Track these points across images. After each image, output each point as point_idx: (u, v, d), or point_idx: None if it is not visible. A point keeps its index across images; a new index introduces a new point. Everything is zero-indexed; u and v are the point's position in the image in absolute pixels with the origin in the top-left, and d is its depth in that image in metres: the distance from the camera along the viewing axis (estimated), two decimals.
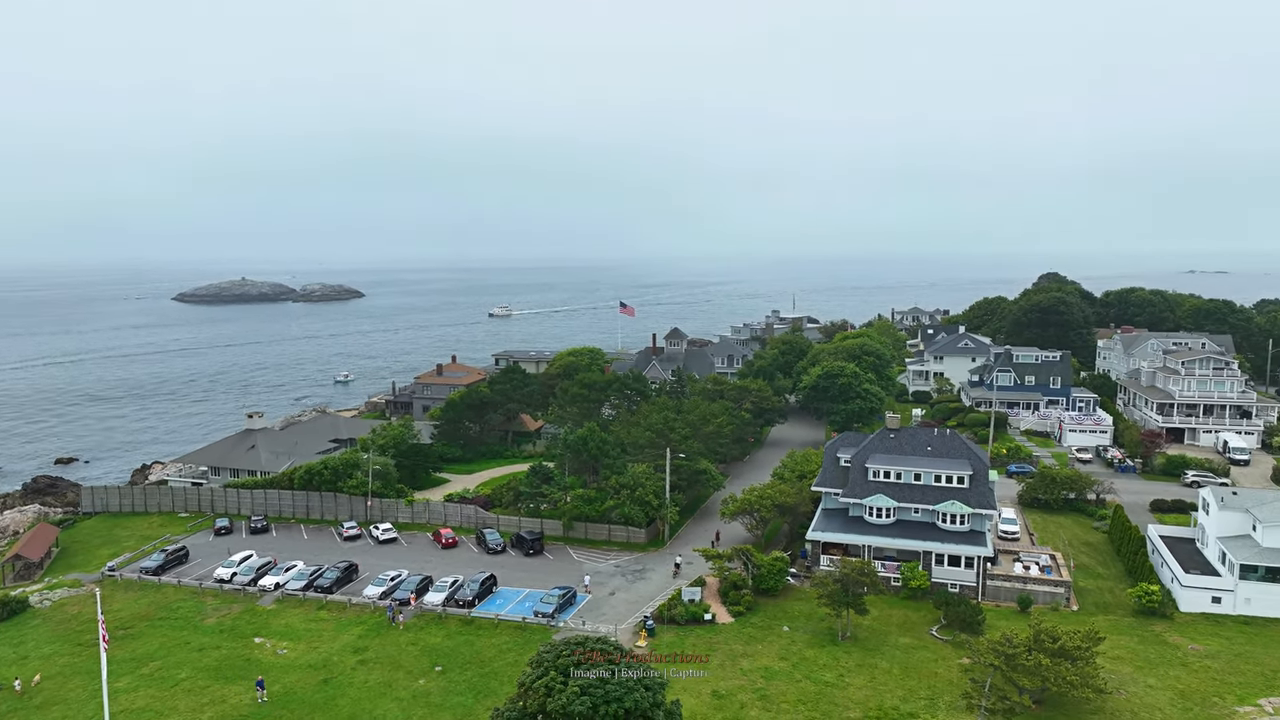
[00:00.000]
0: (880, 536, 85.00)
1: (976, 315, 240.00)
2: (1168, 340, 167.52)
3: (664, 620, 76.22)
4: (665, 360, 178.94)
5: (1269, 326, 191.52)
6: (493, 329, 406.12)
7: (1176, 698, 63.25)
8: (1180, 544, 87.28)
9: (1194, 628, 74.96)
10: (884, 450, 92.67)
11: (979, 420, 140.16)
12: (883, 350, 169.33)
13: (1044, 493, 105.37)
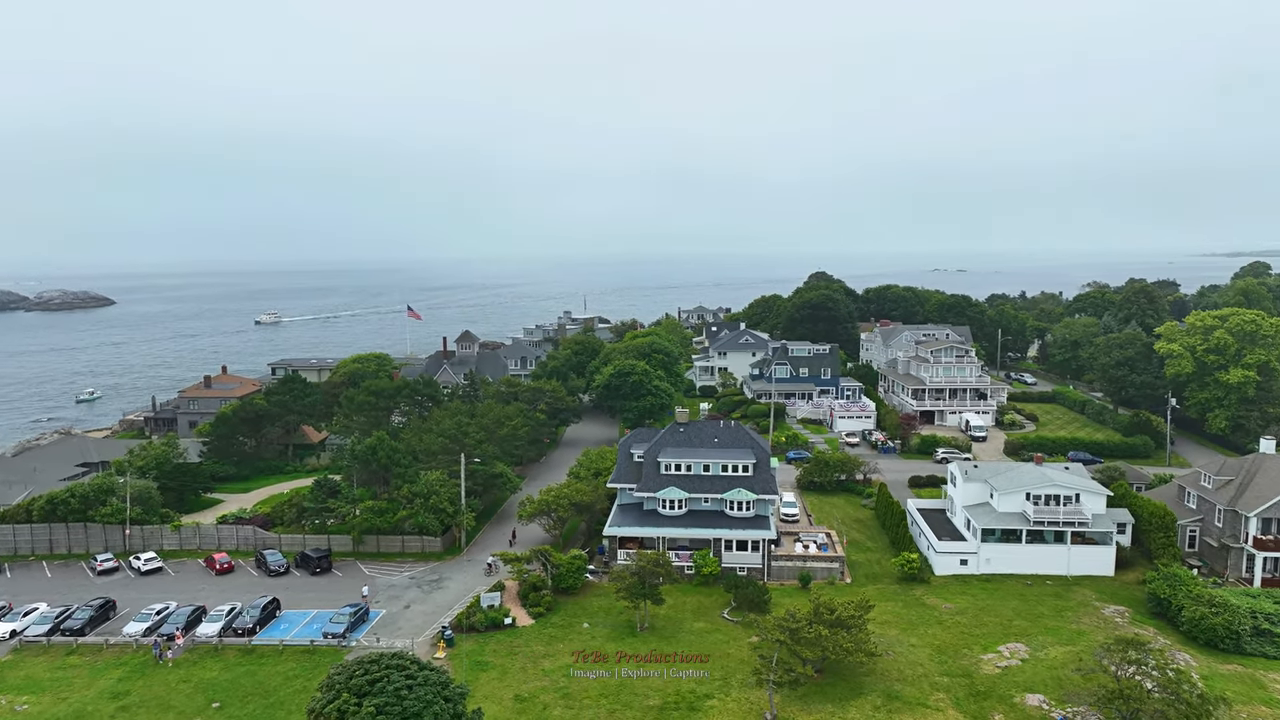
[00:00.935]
0: (673, 527, 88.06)
1: (756, 312, 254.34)
2: (918, 332, 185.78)
3: (463, 629, 74.75)
4: (457, 364, 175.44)
5: (998, 318, 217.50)
6: (264, 337, 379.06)
7: (934, 653, 70.34)
8: (934, 515, 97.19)
9: (946, 589, 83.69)
10: (675, 444, 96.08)
11: (760, 411, 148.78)
12: (671, 348, 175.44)
13: (819, 476, 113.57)
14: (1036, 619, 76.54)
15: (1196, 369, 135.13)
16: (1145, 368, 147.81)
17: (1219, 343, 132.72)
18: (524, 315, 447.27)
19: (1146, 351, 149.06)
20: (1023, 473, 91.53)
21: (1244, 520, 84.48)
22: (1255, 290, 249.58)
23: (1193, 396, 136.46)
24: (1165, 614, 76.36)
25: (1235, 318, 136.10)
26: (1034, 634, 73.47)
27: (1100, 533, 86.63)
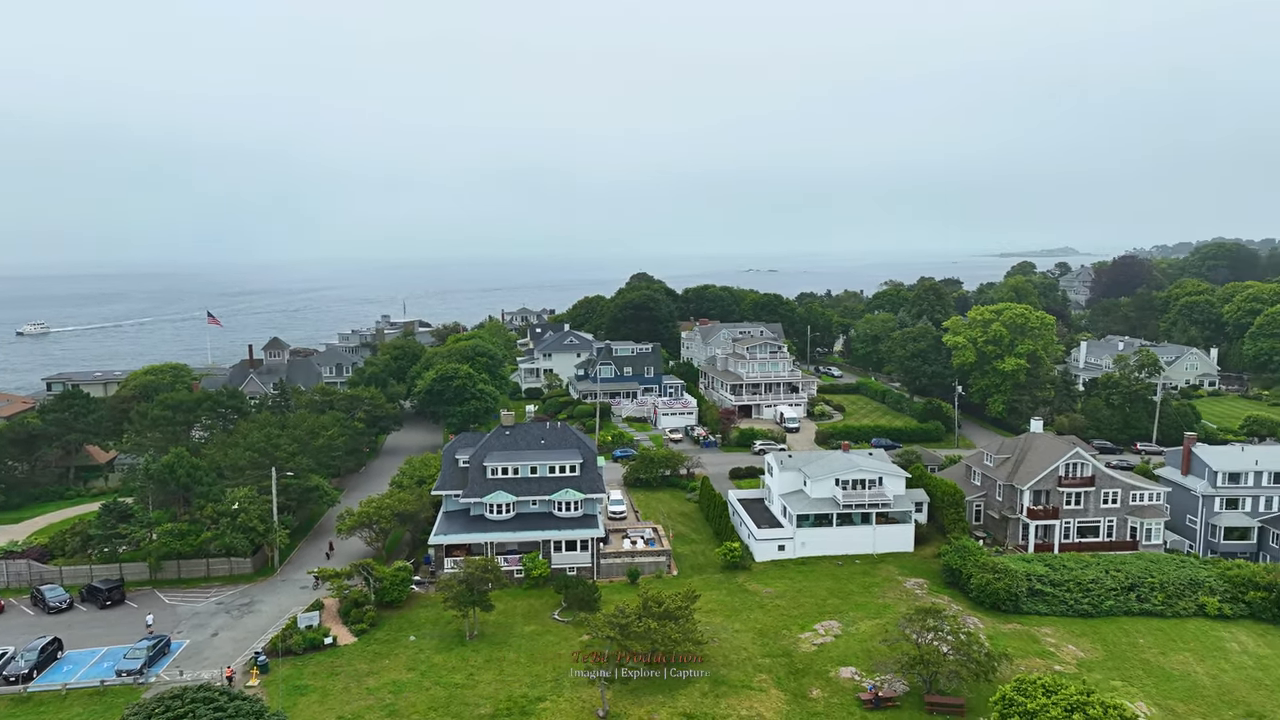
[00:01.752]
0: (502, 532, 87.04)
1: (580, 313, 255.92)
2: (735, 330, 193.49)
3: (279, 653, 70.44)
4: (265, 373, 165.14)
5: (808, 315, 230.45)
6: (30, 350, 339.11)
7: (757, 636, 73.52)
8: (754, 504, 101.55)
9: (767, 574, 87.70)
10: (501, 448, 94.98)
11: (586, 411, 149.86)
12: (495, 351, 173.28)
13: (645, 472, 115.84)
14: (847, 596, 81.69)
15: (978, 358, 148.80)
16: (935, 358, 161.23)
17: (996, 334, 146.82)
18: (339, 320, 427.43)
19: (936, 344, 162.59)
20: (832, 460, 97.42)
21: (1019, 493, 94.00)
22: (1024, 287, 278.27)
23: (975, 383, 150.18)
24: (957, 583, 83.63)
25: (1008, 311, 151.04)
26: (846, 611, 78.38)
27: (901, 512, 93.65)
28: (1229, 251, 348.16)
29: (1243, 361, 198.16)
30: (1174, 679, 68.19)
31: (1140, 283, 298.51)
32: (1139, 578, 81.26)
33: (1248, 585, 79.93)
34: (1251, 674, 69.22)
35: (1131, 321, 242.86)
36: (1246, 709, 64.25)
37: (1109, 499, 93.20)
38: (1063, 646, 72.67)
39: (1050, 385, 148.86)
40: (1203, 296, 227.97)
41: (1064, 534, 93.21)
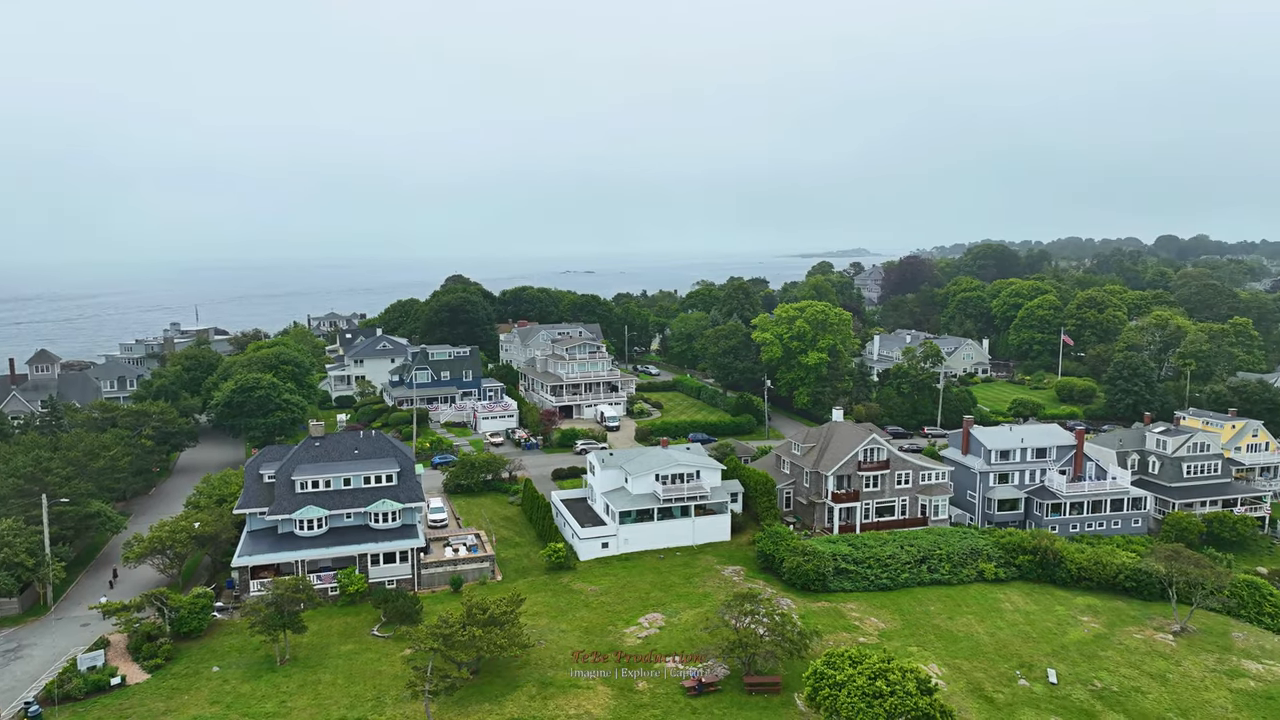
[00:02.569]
0: (314, 549, 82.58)
1: (393, 317, 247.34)
2: (554, 331, 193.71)
3: (54, 700, 63.31)
4: (31, 389, 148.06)
5: (625, 315, 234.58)
6: None
7: (583, 634, 74.01)
8: (577, 504, 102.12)
9: (591, 572, 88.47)
10: (311, 460, 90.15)
11: (403, 418, 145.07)
12: (302, 358, 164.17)
13: (466, 478, 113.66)
14: (670, 588, 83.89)
15: (784, 353, 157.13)
16: (746, 355, 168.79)
17: (800, 330, 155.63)
18: (123, 330, 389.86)
19: (746, 340, 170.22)
20: (652, 457, 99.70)
21: (824, 479, 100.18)
22: (824, 285, 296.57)
23: (782, 377, 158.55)
24: (771, 567, 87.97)
25: (810, 308, 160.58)
26: (668, 602, 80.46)
27: (718, 503, 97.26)
28: (995, 252, 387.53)
29: (1009, 350, 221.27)
30: (960, 640, 75.05)
31: (923, 280, 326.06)
32: (929, 551, 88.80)
33: (1017, 550, 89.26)
34: (1022, 629, 77.41)
35: (917, 316, 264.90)
36: (1019, 660, 71.78)
37: (902, 480, 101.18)
38: (866, 619, 78.15)
39: (849, 377, 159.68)
40: (975, 293, 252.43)
41: (864, 514, 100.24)
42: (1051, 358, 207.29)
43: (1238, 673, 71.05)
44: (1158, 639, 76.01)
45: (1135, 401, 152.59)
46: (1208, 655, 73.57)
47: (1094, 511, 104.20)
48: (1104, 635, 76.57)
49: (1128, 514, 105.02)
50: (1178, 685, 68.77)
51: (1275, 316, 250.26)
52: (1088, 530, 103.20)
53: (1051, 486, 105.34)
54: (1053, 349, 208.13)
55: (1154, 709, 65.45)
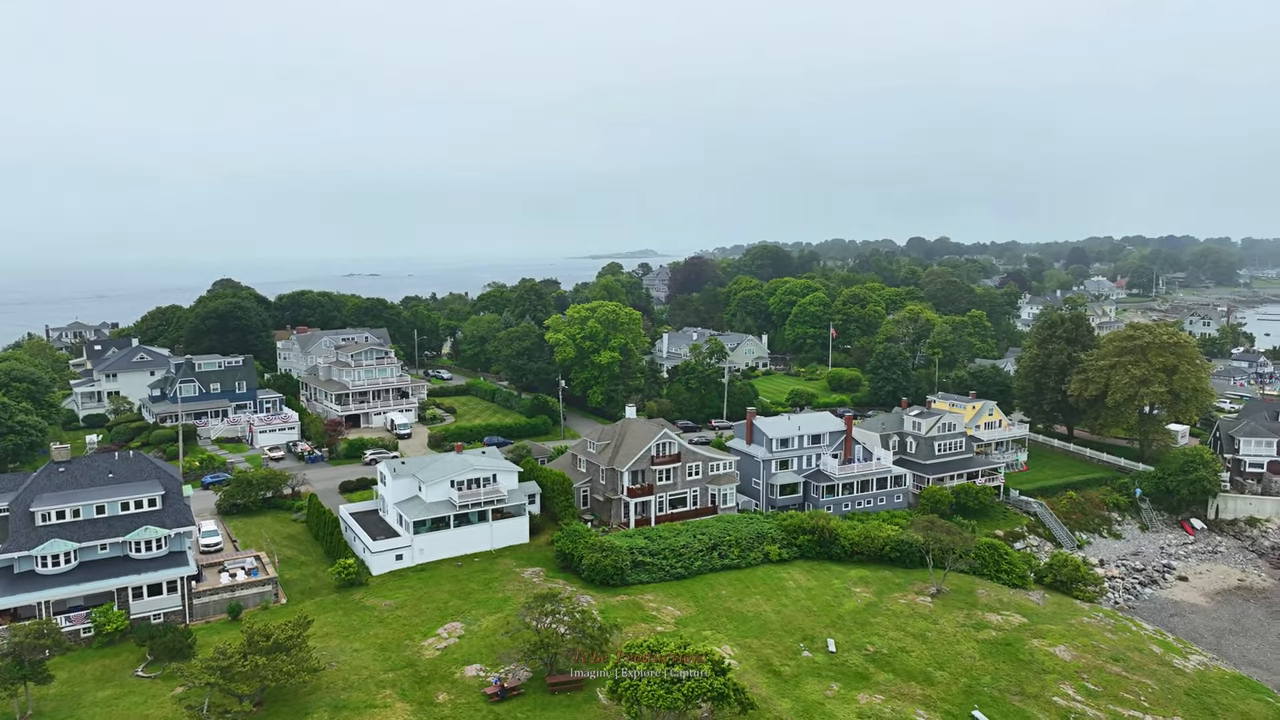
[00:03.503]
0: (60, 587, 73.51)
1: (151, 326, 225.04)
2: (338, 337, 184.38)
3: None
4: None
5: (414, 319, 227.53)
6: None
7: (378, 651, 71.06)
8: (367, 516, 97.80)
9: (385, 587, 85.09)
10: (54, 488, 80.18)
11: (166, 436, 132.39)
12: (39, 374, 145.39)
13: (242, 497, 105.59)
14: (469, 596, 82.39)
15: (577, 354, 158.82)
16: (540, 356, 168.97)
17: (592, 330, 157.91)
18: None
19: (540, 342, 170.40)
20: (446, 462, 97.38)
21: (619, 475, 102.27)
22: (614, 286, 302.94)
23: (576, 377, 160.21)
24: (571, 566, 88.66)
25: (601, 308, 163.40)
26: (468, 610, 78.99)
27: (515, 506, 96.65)
28: (771, 253, 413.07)
29: (786, 345, 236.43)
30: (749, 620, 79.32)
31: (707, 280, 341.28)
32: (719, 538, 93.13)
33: (798, 531, 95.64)
34: (804, 604, 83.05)
35: (702, 314, 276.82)
36: (803, 634, 76.96)
37: (693, 471, 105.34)
38: (663, 608, 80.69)
39: (640, 374, 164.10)
40: (754, 291, 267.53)
41: (659, 507, 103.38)
42: (823, 350, 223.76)
43: (982, 625, 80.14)
44: (919, 602, 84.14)
45: (894, 388, 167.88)
46: (959, 612, 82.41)
47: (863, 490, 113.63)
48: (874, 603, 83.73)
49: (891, 491, 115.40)
50: (935, 642, 76.50)
51: (1003, 309, 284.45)
52: (858, 508, 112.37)
53: (826, 470, 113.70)
54: (824, 342, 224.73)
55: (917, 665, 72.42)
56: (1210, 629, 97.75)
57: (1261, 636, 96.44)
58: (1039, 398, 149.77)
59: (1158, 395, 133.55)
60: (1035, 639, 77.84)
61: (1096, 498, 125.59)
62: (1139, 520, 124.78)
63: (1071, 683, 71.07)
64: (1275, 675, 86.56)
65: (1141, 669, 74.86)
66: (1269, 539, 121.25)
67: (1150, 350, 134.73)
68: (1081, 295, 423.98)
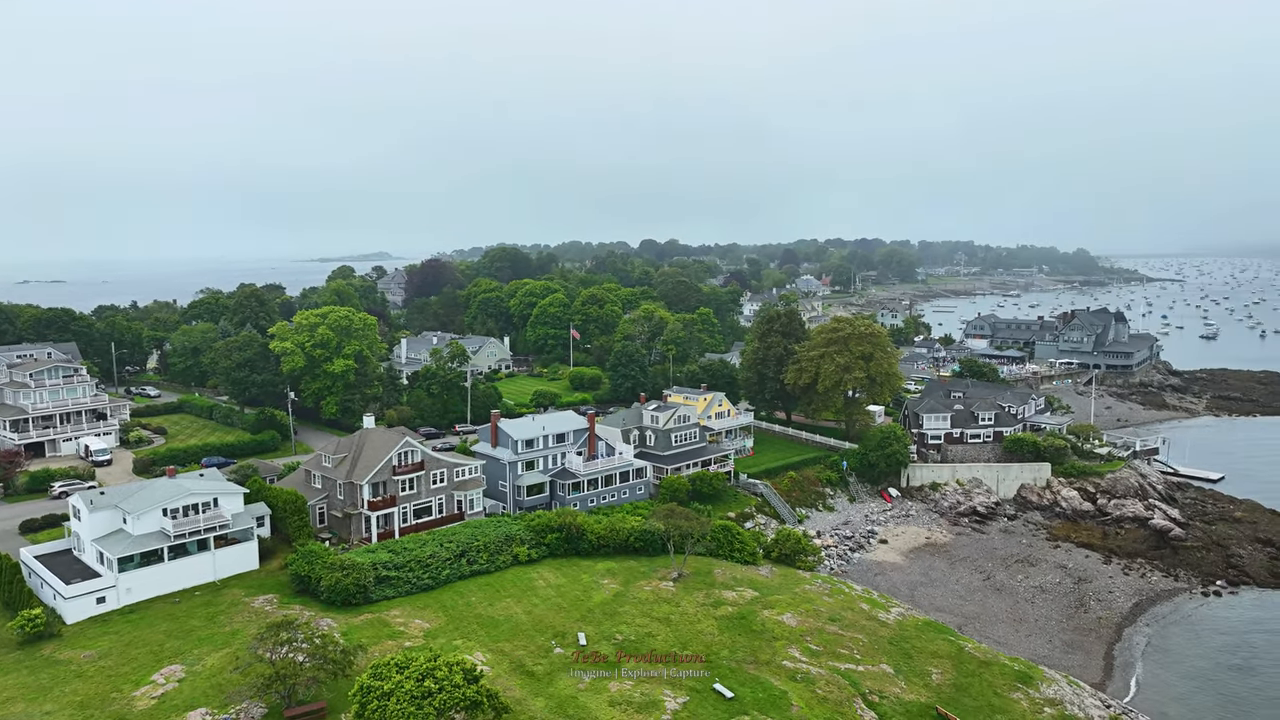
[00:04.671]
0: None
1: None
2: (12, 353, 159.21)
3: None
4: None
5: (110, 330, 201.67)
6: None
7: (77, 710, 62.37)
8: (58, 558, 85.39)
9: (84, 635, 74.82)
10: None
11: None
12: None
13: None
14: (190, 634, 74.64)
15: (307, 363, 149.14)
16: (264, 367, 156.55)
17: (323, 338, 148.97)
18: None
19: (264, 351, 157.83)
20: (156, 489, 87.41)
21: (359, 488, 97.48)
22: (346, 290, 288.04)
23: (307, 388, 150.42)
24: (309, 589, 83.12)
25: (333, 314, 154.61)
26: (189, 650, 71.54)
27: (242, 530, 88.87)
28: (510, 255, 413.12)
29: (528, 346, 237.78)
30: (500, 624, 78.95)
31: (446, 282, 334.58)
32: (468, 544, 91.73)
33: (546, 530, 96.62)
34: (555, 602, 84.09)
35: (442, 318, 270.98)
36: (554, 631, 77.88)
37: (438, 479, 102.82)
38: (410, 623, 78.06)
39: (378, 382, 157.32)
40: (494, 293, 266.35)
41: (403, 519, 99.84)
42: (564, 350, 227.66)
43: (720, 602, 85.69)
44: (662, 587, 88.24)
45: (633, 384, 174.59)
46: (699, 593, 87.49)
47: (607, 485, 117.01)
48: (622, 593, 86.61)
49: (634, 483, 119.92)
50: (678, 624, 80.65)
51: (728, 307, 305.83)
52: (604, 502, 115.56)
53: (571, 467, 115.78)
54: (564, 342, 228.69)
55: (663, 648, 75.91)
56: (906, 583, 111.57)
57: (944, 585, 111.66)
58: (761, 387, 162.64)
59: (858, 380, 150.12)
60: (766, 610, 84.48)
61: (812, 476, 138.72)
62: (848, 493, 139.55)
63: (798, 646, 77.99)
64: (955, 617, 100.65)
65: (854, 626, 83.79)
66: (947, 500, 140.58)
67: (851, 341, 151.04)
68: (794, 292, 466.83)
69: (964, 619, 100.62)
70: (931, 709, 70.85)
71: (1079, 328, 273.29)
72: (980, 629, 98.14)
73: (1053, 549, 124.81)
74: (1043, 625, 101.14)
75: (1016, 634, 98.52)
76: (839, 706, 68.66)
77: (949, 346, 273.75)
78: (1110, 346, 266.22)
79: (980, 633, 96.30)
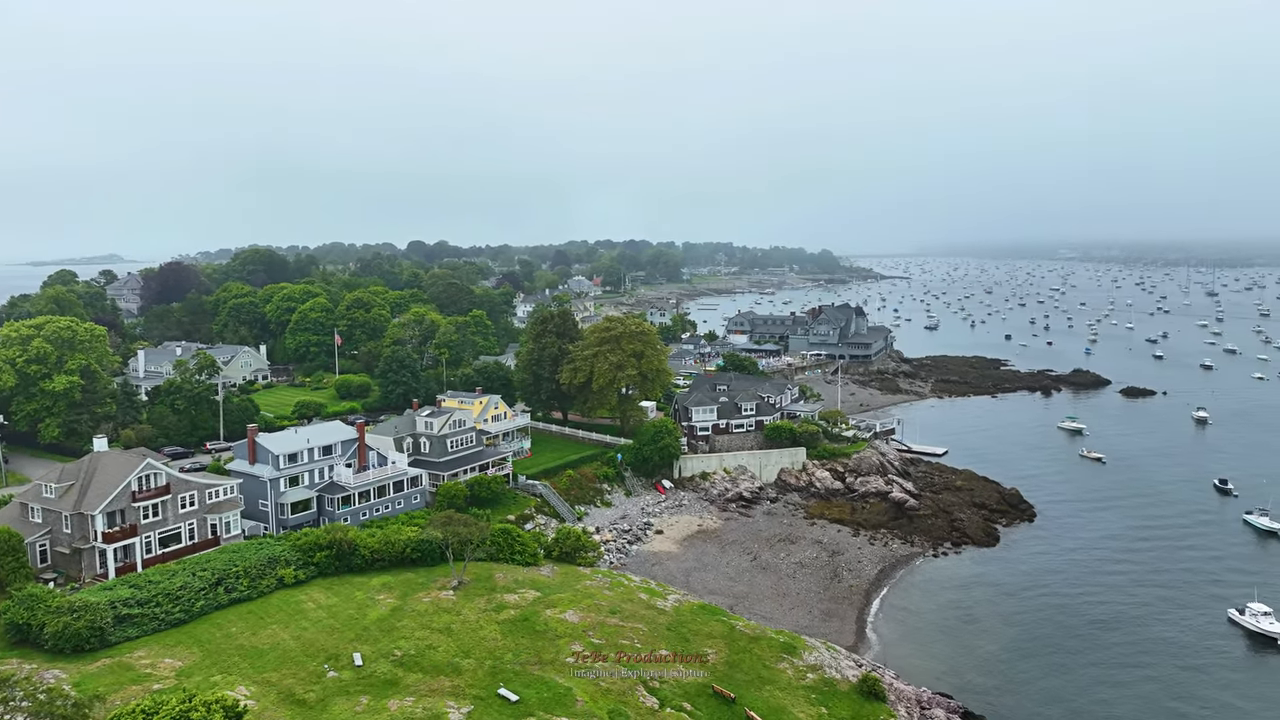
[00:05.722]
0: None
1: None
2: None
3: None
4: None
5: None
6: None
7: None
8: None
9: None
10: None
11: None
12: None
13: None
14: None
15: (20, 381, 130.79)
16: None
17: (39, 352, 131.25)
18: None
19: None
20: None
21: (91, 519, 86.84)
22: (67, 298, 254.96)
23: (21, 409, 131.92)
24: (30, 638, 72.83)
25: (50, 325, 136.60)
26: None
27: None
28: (264, 257, 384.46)
29: (288, 354, 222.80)
30: (266, 653, 73.45)
31: (190, 288, 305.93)
32: (225, 570, 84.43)
33: (315, 549, 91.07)
34: (327, 624, 79.53)
35: (186, 326, 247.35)
36: (326, 654, 73.63)
37: (187, 503, 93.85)
38: (159, 663, 70.67)
39: (111, 399, 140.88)
40: (247, 299, 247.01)
41: (146, 549, 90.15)
42: (328, 358, 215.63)
43: (502, 606, 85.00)
44: (442, 597, 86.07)
45: (405, 391, 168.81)
46: (480, 599, 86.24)
47: (380, 496, 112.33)
48: (399, 607, 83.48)
49: (409, 492, 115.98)
50: (460, 632, 79.06)
51: (501, 308, 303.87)
52: (377, 515, 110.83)
53: (340, 480, 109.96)
54: (329, 349, 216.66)
55: (444, 659, 74.07)
56: (681, 570, 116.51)
57: (716, 569, 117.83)
58: (537, 388, 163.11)
59: (631, 378, 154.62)
60: (548, 609, 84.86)
61: (590, 473, 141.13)
62: (624, 487, 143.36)
63: (580, 641, 79.03)
64: (727, 598, 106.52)
65: (634, 616, 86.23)
66: (716, 488, 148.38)
67: (623, 339, 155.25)
68: (566, 293, 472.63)
69: (735, 599, 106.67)
70: (708, 688, 74.47)
71: (826, 322, 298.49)
72: (749, 607, 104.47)
73: (810, 526, 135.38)
74: (803, 598, 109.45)
75: (781, 608, 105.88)
76: (622, 697, 70.39)
77: (713, 342, 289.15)
78: (852, 338, 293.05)
79: (749, 610, 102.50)
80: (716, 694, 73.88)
